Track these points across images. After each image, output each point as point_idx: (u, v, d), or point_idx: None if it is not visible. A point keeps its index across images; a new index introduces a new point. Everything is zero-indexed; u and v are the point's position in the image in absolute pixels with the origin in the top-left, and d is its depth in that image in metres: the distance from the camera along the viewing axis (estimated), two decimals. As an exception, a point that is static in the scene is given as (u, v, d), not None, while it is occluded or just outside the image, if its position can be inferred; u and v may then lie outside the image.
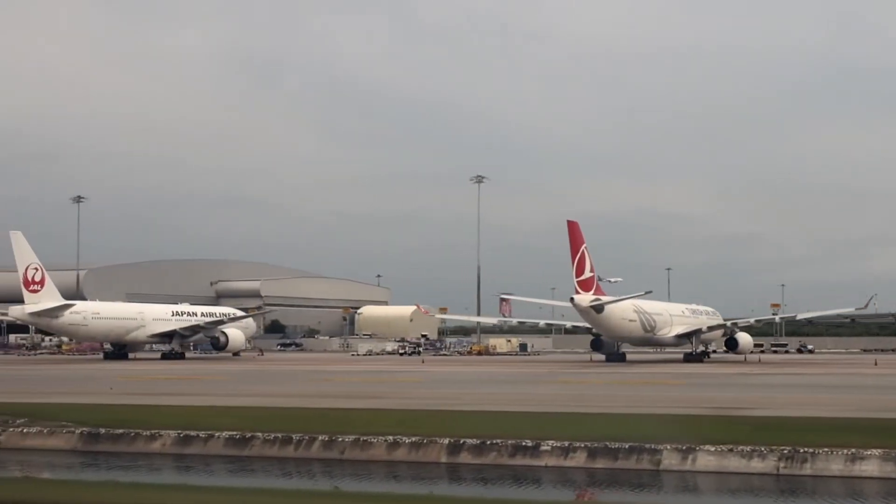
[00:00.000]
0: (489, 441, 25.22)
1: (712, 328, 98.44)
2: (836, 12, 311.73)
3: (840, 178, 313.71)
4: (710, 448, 23.77)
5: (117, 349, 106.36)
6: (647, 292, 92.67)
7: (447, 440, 25.45)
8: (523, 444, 24.93)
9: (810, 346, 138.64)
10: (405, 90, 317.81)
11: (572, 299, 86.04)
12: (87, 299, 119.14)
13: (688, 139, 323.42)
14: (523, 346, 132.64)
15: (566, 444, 24.70)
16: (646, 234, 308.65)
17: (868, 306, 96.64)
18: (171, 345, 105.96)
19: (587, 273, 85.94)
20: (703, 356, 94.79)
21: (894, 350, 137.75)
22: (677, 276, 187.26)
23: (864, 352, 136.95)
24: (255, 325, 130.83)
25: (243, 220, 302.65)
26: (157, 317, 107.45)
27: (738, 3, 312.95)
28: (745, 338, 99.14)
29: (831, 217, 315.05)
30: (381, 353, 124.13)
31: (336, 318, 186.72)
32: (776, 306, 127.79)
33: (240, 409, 34.58)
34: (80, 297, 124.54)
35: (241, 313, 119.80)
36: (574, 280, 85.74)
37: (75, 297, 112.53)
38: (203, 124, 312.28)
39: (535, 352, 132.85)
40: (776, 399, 40.02)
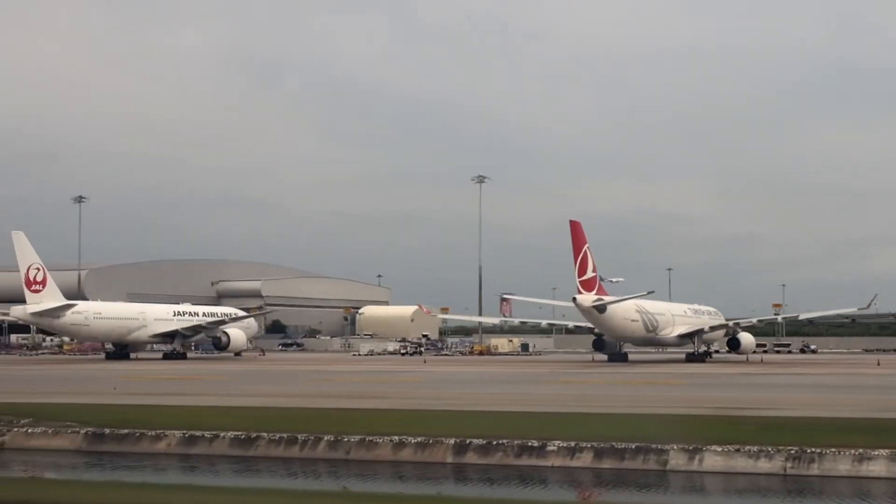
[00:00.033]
0: (495, 441, 25.16)
1: (714, 328, 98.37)
2: (836, 12, 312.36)
3: (840, 178, 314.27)
4: (717, 448, 23.71)
5: (119, 349, 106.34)
6: (650, 292, 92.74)
7: (453, 440, 25.40)
8: (529, 444, 24.86)
9: (813, 346, 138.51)
10: (405, 90, 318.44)
11: (575, 299, 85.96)
12: (88, 299, 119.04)
13: (688, 139, 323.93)
14: (525, 346, 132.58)
15: (572, 444, 24.63)
16: (646, 234, 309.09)
17: (870, 306, 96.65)
18: (173, 345, 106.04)
19: (589, 273, 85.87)
20: (705, 356, 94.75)
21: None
22: (677, 276, 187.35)
23: (866, 352, 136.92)
24: (257, 325, 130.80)
25: (243, 220, 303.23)
26: (158, 317, 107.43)
27: (738, 3, 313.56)
28: (747, 338, 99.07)
29: (831, 217, 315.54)
30: (382, 353, 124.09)
31: (337, 318, 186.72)
32: (778, 306, 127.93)
33: (244, 409, 34.54)
34: (82, 297, 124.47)
35: (242, 313, 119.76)
36: (576, 280, 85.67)
37: (76, 297, 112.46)
38: (203, 124, 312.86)
39: (536, 352, 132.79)
40: (780, 399, 39.97)
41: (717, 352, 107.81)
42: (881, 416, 30.68)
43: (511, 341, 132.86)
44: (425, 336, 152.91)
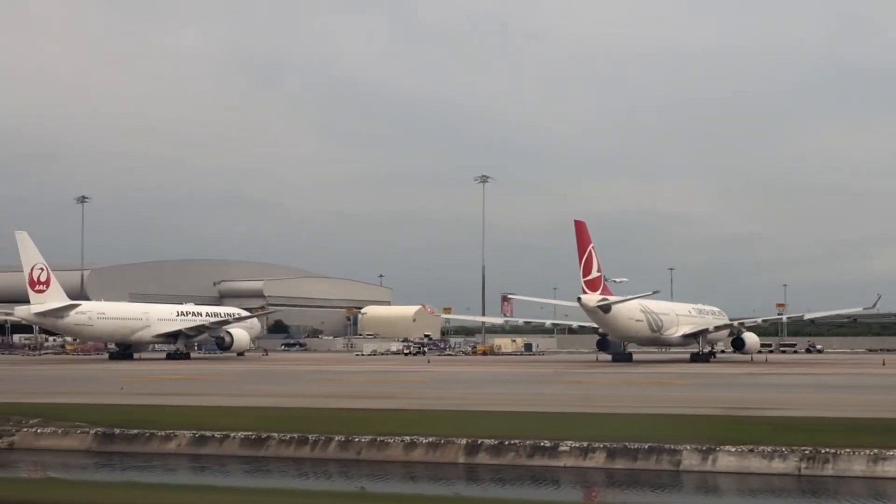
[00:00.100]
0: (507, 441, 25.07)
1: (719, 328, 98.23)
2: (836, 12, 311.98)
3: (840, 178, 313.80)
4: (731, 448, 23.61)
5: (122, 349, 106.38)
6: (655, 292, 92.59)
7: (465, 440, 25.30)
8: (542, 444, 24.76)
9: (819, 346, 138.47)
10: (405, 90, 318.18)
11: (579, 299, 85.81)
12: (90, 299, 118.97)
13: (688, 139, 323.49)
14: (528, 346, 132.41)
15: (585, 444, 24.54)
16: (646, 234, 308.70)
17: (875, 306, 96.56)
18: (176, 345, 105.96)
19: (594, 273, 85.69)
20: (709, 356, 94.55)
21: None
22: (677, 276, 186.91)
23: (870, 352, 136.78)
24: (260, 325, 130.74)
25: (243, 220, 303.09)
26: (162, 317, 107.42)
27: (739, 3, 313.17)
28: (751, 338, 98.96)
29: (831, 217, 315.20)
30: (385, 354, 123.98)
31: (339, 318, 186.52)
32: (782, 306, 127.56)
33: (252, 409, 34.46)
34: (84, 297, 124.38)
35: (245, 313, 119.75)
36: (581, 280, 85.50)
37: (79, 298, 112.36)
38: (203, 124, 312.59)
39: (539, 352, 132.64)
40: (788, 399, 39.83)
41: (722, 352, 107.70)
42: (892, 417, 30.55)
43: (514, 341, 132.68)
44: (427, 336, 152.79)
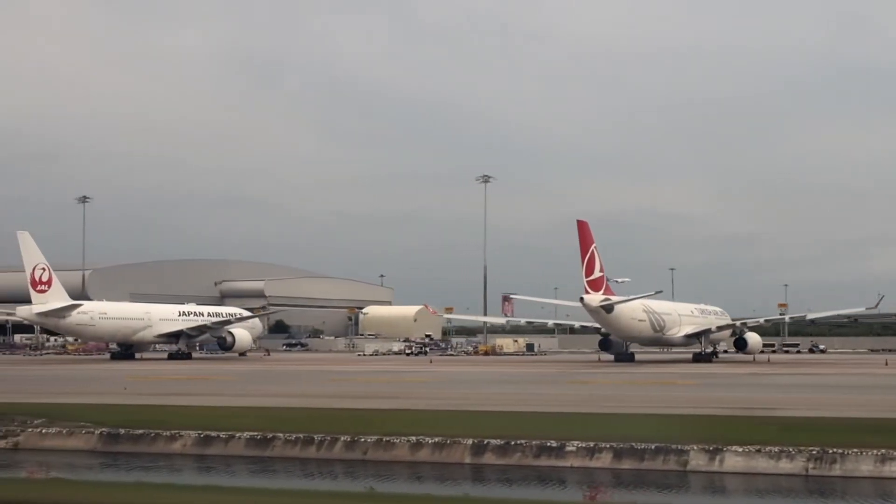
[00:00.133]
0: (513, 441, 25.02)
1: (721, 328, 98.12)
2: (836, 12, 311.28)
3: (840, 178, 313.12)
4: (738, 449, 23.57)
5: (124, 349, 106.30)
6: (658, 292, 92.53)
7: (471, 441, 25.26)
8: (548, 444, 24.72)
9: (822, 346, 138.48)
10: (405, 90, 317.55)
11: (582, 299, 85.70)
12: (91, 299, 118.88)
13: (688, 139, 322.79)
14: (530, 347, 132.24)
15: (591, 444, 24.50)
16: (646, 234, 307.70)
17: (878, 306, 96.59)
18: (178, 345, 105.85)
19: (597, 273, 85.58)
20: (711, 356, 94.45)
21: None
22: (677, 276, 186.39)
23: (872, 352, 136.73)
24: (262, 325, 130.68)
25: (243, 220, 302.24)
26: (163, 317, 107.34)
27: (738, 3, 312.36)
28: (754, 338, 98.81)
29: (831, 217, 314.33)
30: (387, 354, 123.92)
31: (340, 318, 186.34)
32: (783, 306, 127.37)
33: (257, 409, 34.38)
34: (85, 297, 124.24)
35: (247, 313, 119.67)
36: (583, 280, 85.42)
37: (80, 298, 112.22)
38: (203, 124, 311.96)
39: (541, 352, 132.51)
40: (792, 399, 39.75)
41: (725, 352, 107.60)
42: (897, 417, 30.50)
43: (516, 341, 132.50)
44: (428, 336, 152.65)
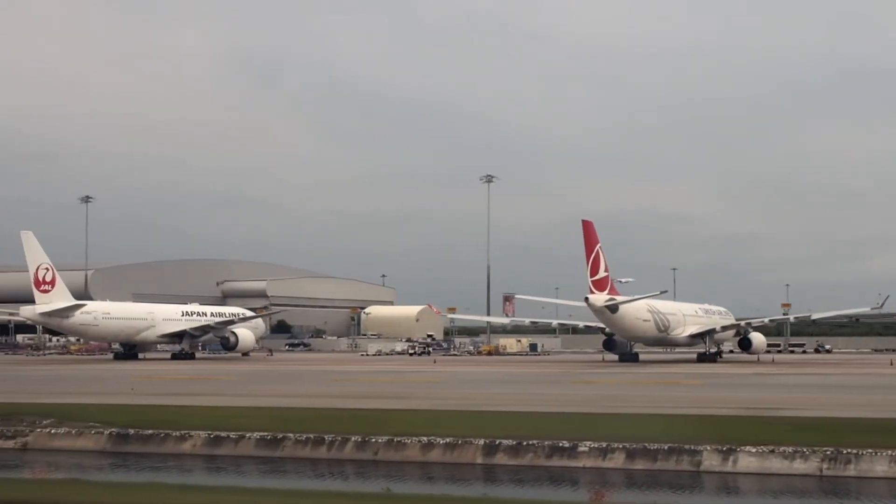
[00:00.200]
0: (525, 442, 24.90)
1: (726, 328, 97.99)
2: (836, 12, 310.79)
3: (840, 178, 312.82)
4: (752, 449, 23.46)
5: (127, 349, 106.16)
6: (663, 292, 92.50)
7: (482, 441, 25.15)
8: (560, 444, 24.61)
9: (828, 346, 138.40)
10: (405, 90, 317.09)
11: (587, 299, 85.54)
12: (94, 299, 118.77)
13: (688, 139, 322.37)
14: (533, 347, 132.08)
15: (604, 445, 24.39)
16: (646, 234, 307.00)
17: (882, 306, 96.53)
18: (181, 345, 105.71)
19: (602, 273, 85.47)
20: (716, 356, 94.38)
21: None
22: (677, 276, 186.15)
23: (875, 352, 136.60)
24: (264, 325, 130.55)
25: (243, 221, 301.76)
26: (167, 317, 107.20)
27: (738, 3, 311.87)
28: (758, 338, 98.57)
29: (831, 217, 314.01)
30: (390, 354, 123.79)
31: (342, 318, 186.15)
32: (787, 306, 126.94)
33: (264, 409, 34.28)
34: (88, 297, 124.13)
35: (250, 313, 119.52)
36: (588, 280, 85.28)
37: (83, 298, 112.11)
38: (203, 124, 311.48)
39: (544, 352, 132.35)
40: (802, 399, 39.57)
41: (730, 352, 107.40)
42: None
43: (520, 341, 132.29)
44: (431, 336, 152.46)
